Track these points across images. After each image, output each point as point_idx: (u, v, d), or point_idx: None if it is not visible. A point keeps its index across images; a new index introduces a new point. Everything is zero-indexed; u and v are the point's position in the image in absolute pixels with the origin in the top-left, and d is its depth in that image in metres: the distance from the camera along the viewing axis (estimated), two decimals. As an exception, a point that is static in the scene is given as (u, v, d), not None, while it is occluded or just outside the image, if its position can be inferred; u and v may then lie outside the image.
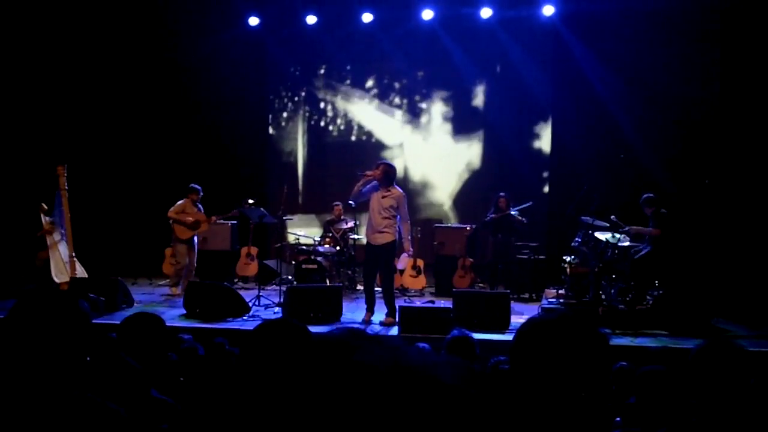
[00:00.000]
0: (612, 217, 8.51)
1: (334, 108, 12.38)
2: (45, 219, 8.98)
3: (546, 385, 1.43)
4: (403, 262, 8.75)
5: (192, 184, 9.71)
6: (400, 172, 12.05)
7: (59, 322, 1.76)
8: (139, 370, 2.56)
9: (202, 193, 9.70)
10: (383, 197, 7.64)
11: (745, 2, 9.94)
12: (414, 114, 12.17)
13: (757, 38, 9.69)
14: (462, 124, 11.99)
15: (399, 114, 12.23)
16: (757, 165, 9.51)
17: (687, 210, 9.54)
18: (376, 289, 8.06)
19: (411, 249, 8.16)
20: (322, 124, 12.42)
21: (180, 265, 9.62)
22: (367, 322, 7.80)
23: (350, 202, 8.16)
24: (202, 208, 9.71)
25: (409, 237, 7.98)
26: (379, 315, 7.99)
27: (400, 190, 7.82)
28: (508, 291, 8.59)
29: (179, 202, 9.56)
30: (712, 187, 9.47)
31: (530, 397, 1.43)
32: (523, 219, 9.92)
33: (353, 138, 12.33)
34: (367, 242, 7.95)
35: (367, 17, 11.48)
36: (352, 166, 11.73)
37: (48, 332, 1.73)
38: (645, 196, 8.72)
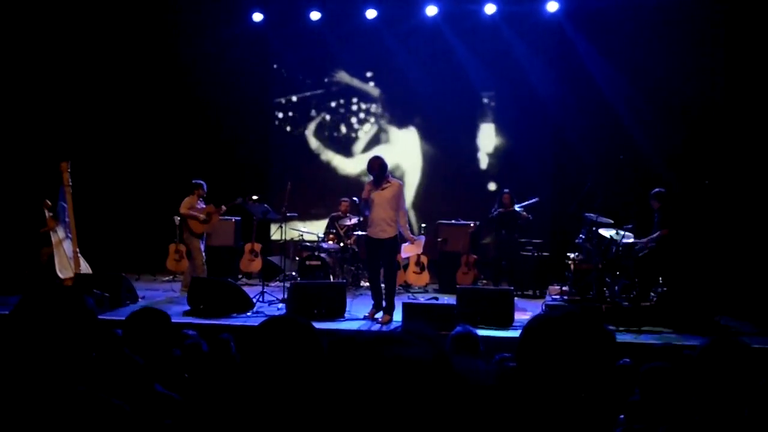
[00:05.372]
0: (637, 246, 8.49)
1: (336, 104, 12.36)
2: (48, 215, 8.99)
3: (553, 382, 1.43)
4: (408, 251, 8.66)
5: (196, 180, 9.46)
6: (402, 167, 12.13)
7: (64, 319, 1.76)
8: (142, 365, 2.57)
9: (206, 188, 9.45)
10: (383, 189, 7.63)
11: (749, 0, 9.92)
12: (416, 110, 12.14)
13: (761, 36, 9.65)
14: (465, 120, 11.97)
15: (402, 110, 12.22)
16: (761, 162, 9.48)
17: (691, 207, 9.51)
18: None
19: (412, 236, 8.22)
20: (326, 120, 12.41)
21: (197, 261, 9.22)
22: (373, 317, 7.79)
23: (366, 213, 8.04)
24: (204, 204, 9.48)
25: (407, 225, 8.01)
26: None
27: (396, 180, 7.92)
28: (512, 288, 8.58)
29: (186, 199, 9.32)
30: (713, 187, 9.43)
31: (537, 394, 1.42)
32: (529, 215, 9.91)
33: (355, 134, 12.33)
34: (368, 237, 7.79)
35: (371, 13, 11.48)
36: (352, 162, 11.82)
37: (53, 328, 1.74)
38: (657, 189, 8.68)
